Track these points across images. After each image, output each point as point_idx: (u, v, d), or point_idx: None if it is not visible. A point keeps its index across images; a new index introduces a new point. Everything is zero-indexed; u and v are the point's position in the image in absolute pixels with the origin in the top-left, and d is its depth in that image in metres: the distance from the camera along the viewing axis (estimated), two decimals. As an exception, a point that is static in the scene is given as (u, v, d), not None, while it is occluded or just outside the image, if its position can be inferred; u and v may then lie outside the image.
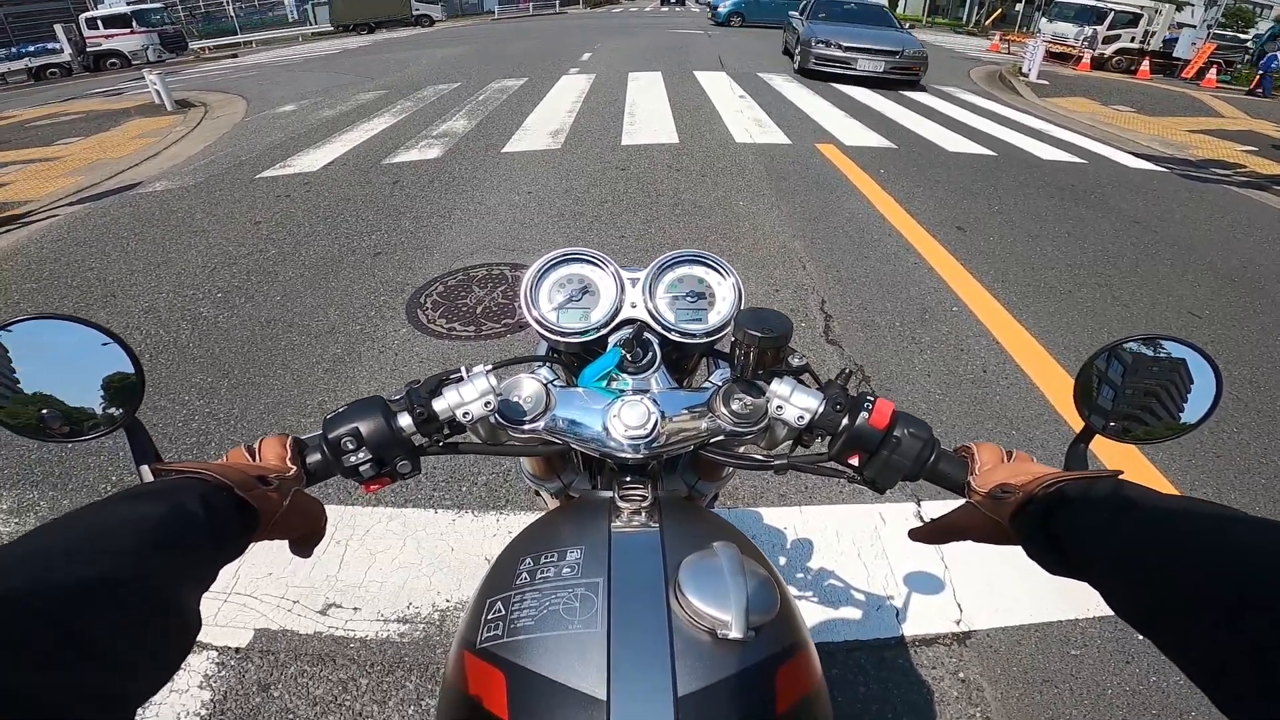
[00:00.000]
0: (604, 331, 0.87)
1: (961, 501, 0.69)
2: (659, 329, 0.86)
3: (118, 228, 4.91)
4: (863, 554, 2.05)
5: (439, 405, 0.69)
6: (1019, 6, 42.42)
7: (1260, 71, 16.05)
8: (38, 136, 9.19)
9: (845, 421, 0.69)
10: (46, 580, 0.37)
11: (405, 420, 0.68)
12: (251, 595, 1.91)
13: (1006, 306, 3.60)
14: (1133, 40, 20.12)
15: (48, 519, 0.55)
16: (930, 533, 0.73)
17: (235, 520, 0.54)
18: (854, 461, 0.71)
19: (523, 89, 10.22)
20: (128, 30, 24.30)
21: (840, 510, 2.19)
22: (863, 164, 6.13)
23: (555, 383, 0.79)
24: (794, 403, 0.70)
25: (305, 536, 0.69)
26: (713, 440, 0.74)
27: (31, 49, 24.19)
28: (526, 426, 0.72)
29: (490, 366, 0.73)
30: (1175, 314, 3.71)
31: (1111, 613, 0.49)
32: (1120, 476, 0.58)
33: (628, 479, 0.74)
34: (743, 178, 5.58)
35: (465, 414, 0.69)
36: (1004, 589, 1.96)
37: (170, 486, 0.52)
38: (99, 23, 24.54)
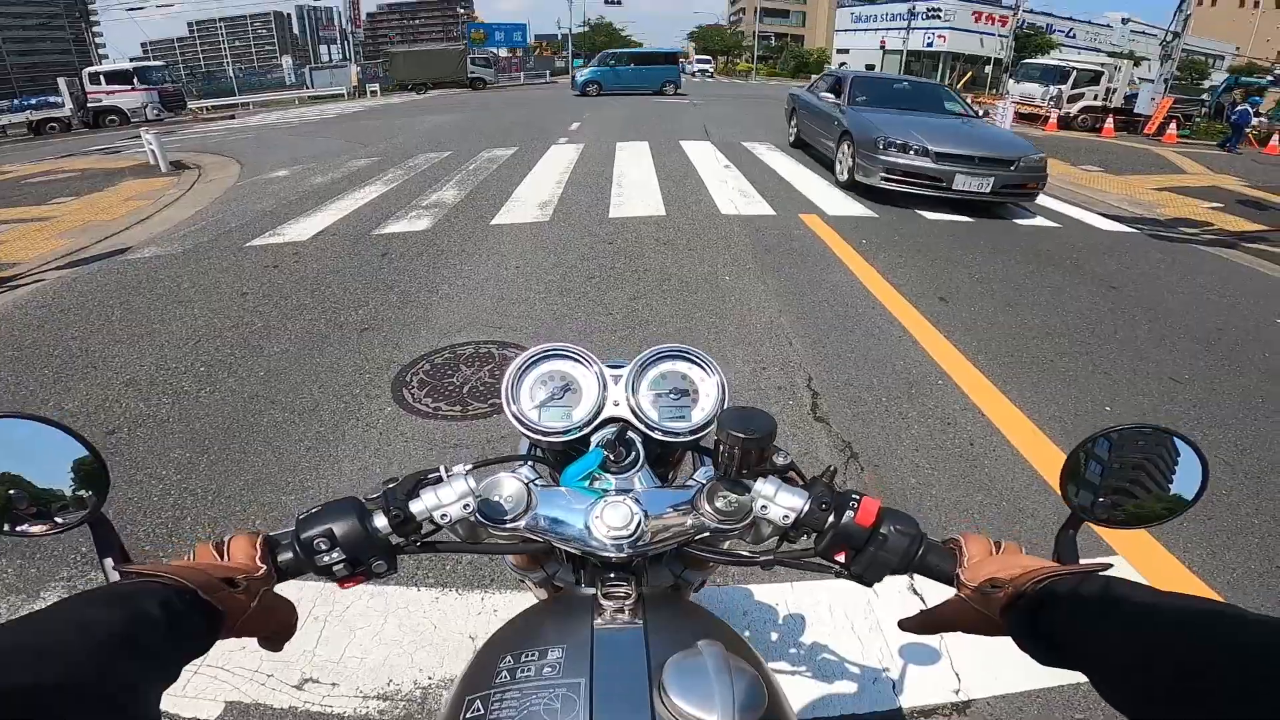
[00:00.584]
0: (586, 430, 0.86)
1: (952, 592, 0.69)
2: (642, 427, 0.86)
3: (103, 295, 4.91)
4: (856, 627, 2.03)
5: (416, 507, 0.69)
6: (988, 69, 44.46)
7: (1232, 125, 16.63)
8: (32, 194, 9.27)
9: (831, 519, 0.69)
10: (1, 684, 0.37)
11: (381, 521, 0.67)
12: (223, 668, 1.85)
13: (990, 378, 3.65)
14: (1096, 98, 20.88)
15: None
16: (920, 623, 0.73)
17: (199, 623, 0.54)
18: (841, 558, 0.71)
19: (512, 158, 10.45)
20: (129, 87, 24.75)
21: (832, 585, 2.16)
22: (845, 234, 6.26)
23: (537, 482, 0.79)
24: (779, 502, 0.70)
25: (275, 633, 0.67)
26: (698, 537, 0.73)
27: (34, 101, 24.55)
28: (507, 525, 0.71)
29: (470, 466, 0.72)
30: (1156, 380, 3.77)
31: None
32: (1109, 568, 0.58)
33: (611, 575, 0.73)
34: (728, 251, 5.68)
35: (444, 516, 0.69)
36: (1002, 656, 1.90)
37: (133, 590, 0.52)
38: (101, 78, 24.98)
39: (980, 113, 9.83)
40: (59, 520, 0.62)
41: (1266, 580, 2.37)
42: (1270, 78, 29.52)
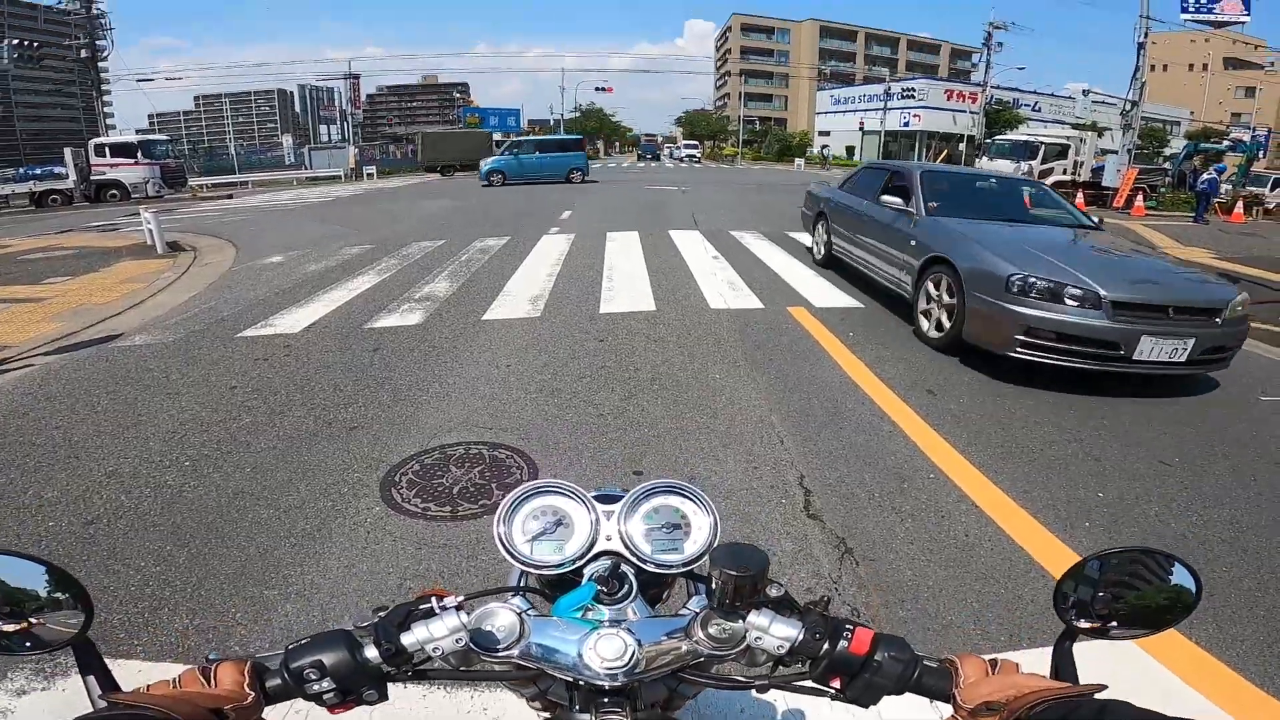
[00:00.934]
0: (579, 564, 0.87)
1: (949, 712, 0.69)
2: (635, 560, 0.87)
3: (91, 384, 4.90)
4: None
5: (408, 640, 0.70)
6: (961, 146, 46.31)
7: (1197, 194, 17.07)
8: (27, 272, 9.34)
9: (826, 647, 0.71)
10: None
11: (372, 652, 0.68)
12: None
13: (981, 469, 3.69)
14: (1065, 172, 21.43)
15: None
16: None
17: None
18: (836, 683, 0.72)
19: (504, 249, 10.65)
20: (133, 161, 24.96)
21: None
22: (832, 326, 6.38)
23: (530, 612, 0.79)
24: (773, 633, 0.72)
25: None
26: (692, 663, 0.74)
27: (38, 172, 24.88)
28: (500, 654, 0.72)
29: (461, 598, 0.74)
30: (1147, 464, 3.81)
31: None
32: (1104, 689, 0.60)
33: (604, 700, 0.73)
34: (718, 348, 5.76)
35: (435, 649, 0.70)
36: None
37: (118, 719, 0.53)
38: (107, 150, 25.25)
39: (1097, 221, 7.09)
40: (45, 640, 0.67)
41: (1277, 650, 2.39)
42: (1227, 142, 30.87)
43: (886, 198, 7.08)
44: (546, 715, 0.85)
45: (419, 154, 39.97)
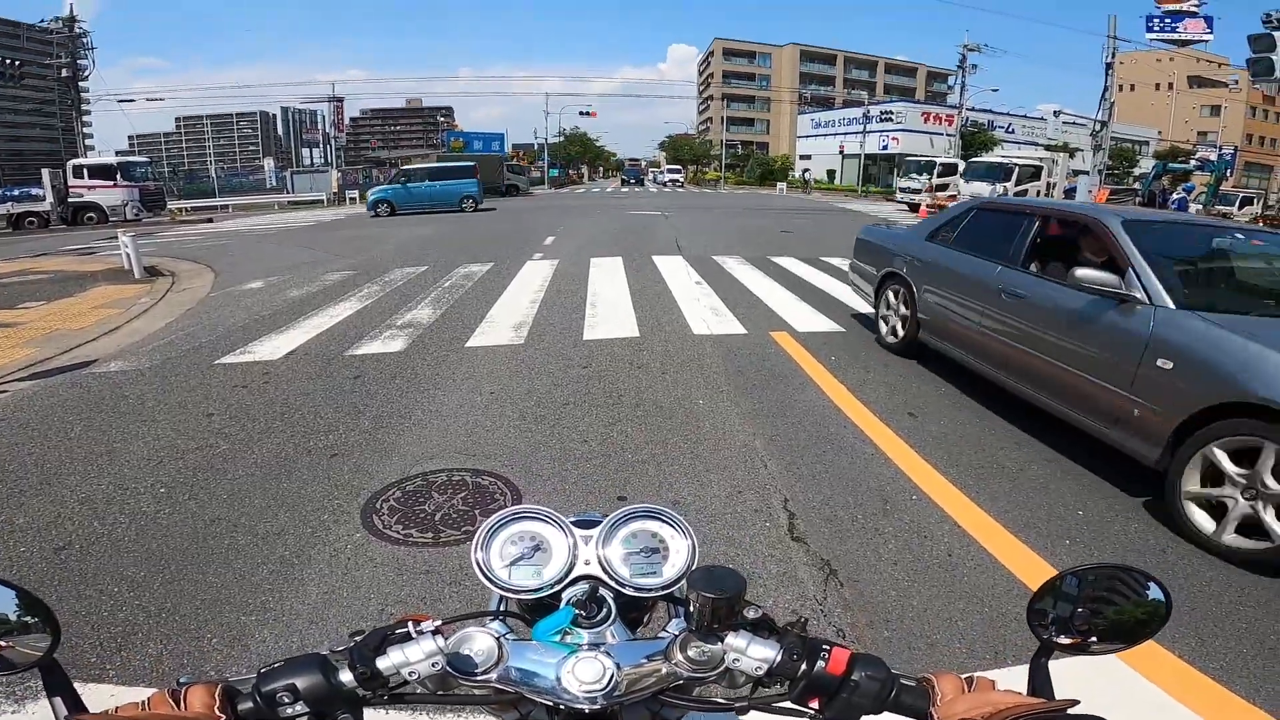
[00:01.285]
0: (557, 588, 0.87)
1: None
2: (614, 584, 0.87)
3: (64, 411, 4.82)
4: None
5: (383, 664, 0.69)
6: (937, 168, 47.13)
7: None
8: (1, 297, 9.19)
9: (804, 668, 0.71)
10: None
11: (347, 676, 0.68)
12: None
13: (963, 490, 3.71)
14: (1038, 193, 21.86)
15: None
16: None
17: None
18: (814, 704, 0.72)
19: (487, 275, 10.64)
20: (111, 183, 24.60)
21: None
22: (815, 350, 6.41)
23: (508, 636, 0.79)
24: (751, 655, 0.72)
25: None
26: (672, 686, 0.74)
27: (15, 193, 24.48)
28: (478, 678, 0.71)
29: (438, 623, 0.73)
30: (1126, 482, 3.82)
31: None
32: (1077, 704, 0.61)
33: None
34: (702, 373, 5.78)
35: (412, 673, 0.69)
36: None
37: None
38: (85, 171, 24.92)
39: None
40: (13, 662, 0.67)
41: (1260, 663, 2.41)
42: (1194, 161, 31.69)
43: (1083, 272, 3.95)
44: None
45: None
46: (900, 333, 6.27)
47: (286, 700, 0.65)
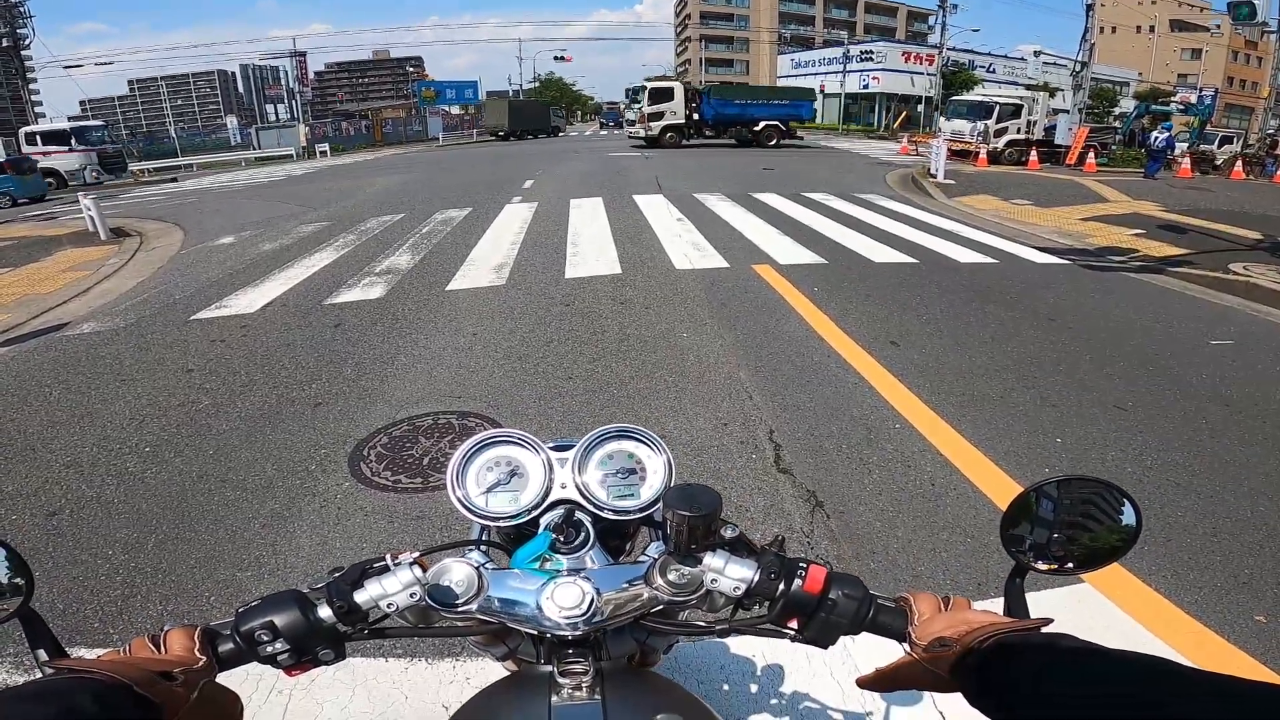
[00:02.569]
0: (535, 514, 0.87)
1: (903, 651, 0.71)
2: (591, 508, 0.87)
3: (41, 374, 4.73)
4: (835, 673, 2.01)
5: (361, 597, 0.69)
6: (920, 107, 46.82)
7: (1149, 152, 17.60)
8: (-38, 267, 8.92)
9: (781, 587, 0.71)
10: None
11: (326, 612, 0.67)
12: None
13: (945, 418, 3.73)
14: (1019, 131, 22.02)
15: None
16: (876, 681, 0.75)
17: (135, 718, 0.53)
18: (793, 624, 0.72)
19: (466, 220, 10.46)
20: (66, 148, 23.87)
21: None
22: (797, 282, 6.39)
23: (487, 565, 0.79)
24: (728, 574, 0.72)
25: None
26: (653, 610, 0.74)
27: (-33, 165, 23.67)
28: (459, 609, 0.71)
29: (417, 555, 0.73)
30: (1102, 409, 3.87)
31: None
32: (1050, 623, 0.62)
33: (569, 651, 0.73)
34: (685, 307, 5.75)
35: (390, 605, 0.69)
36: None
37: (65, 686, 0.52)
38: (38, 138, 24.16)
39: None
40: None
41: (1235, 596, 2.41)
42: (1176, 103, 31.71)
43: None
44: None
45: (485, 120, 46.77)
46: None
47: (266, 638, 0.65)
